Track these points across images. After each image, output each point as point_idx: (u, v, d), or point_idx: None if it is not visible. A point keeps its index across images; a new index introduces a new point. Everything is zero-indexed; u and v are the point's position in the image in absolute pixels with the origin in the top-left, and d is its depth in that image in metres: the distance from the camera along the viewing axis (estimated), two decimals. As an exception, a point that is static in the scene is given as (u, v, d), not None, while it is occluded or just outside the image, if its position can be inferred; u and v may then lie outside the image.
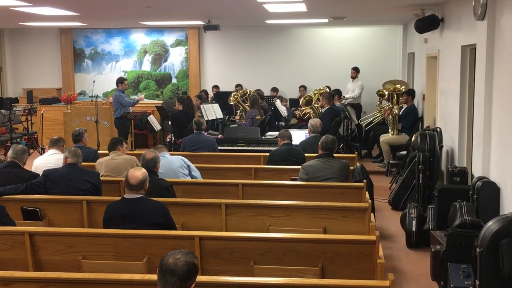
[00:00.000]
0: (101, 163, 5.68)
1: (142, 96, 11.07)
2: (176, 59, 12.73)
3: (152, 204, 3.90)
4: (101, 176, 5.56)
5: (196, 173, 5.67)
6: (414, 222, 5.55)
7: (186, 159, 5.65)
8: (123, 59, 12.85)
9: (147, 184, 3.95)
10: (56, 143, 5.76)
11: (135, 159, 5.64)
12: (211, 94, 11.94)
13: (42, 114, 10.73)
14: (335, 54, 12.15)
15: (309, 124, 6.95)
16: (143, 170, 4.01)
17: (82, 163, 5.90)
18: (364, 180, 5.23)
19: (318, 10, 8.83)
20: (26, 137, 10.55)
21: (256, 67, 12.43)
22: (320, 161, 5.31)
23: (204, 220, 4.49)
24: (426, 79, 8.63)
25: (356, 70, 11.11)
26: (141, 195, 3.88)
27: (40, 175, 4.99)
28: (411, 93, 9.24)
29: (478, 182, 4.79)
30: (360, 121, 10.02)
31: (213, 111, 9.19)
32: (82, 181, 4.84)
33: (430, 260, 4.54)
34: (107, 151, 6.12)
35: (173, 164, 5.50)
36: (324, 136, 5.50)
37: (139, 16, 9.66)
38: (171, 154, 5.90)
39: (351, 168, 5.70)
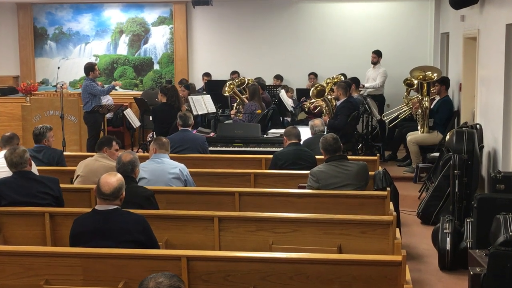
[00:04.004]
0: (81, 163, 5.68)
1: (119, 82, 11.08)
2: (158, 40, 12.75)
3: (129, 217, 3.90)
4: (76, 177, 5.56)
5: None
6: (448, 239, 5.55)
7: (186, 171, 5.55)
8: (94, 41, 12.86)
9: (124, 193, 3.96)
10: (9, 142, 5.73)
11: None
12: (200, 83, 11.94)
13: (-4, 107, 10.74)
14: (352, 34, 12.14)
15: (309, 126, 6.94)
16: (119, 175, 4.02)
17: (46, 168, 5.92)
18: (388, 188, 5.24)
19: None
20: (-24, 135, 10.56)
21: (256, 51, 12.43)
22: (332, 165, 5.30)
23: (193, 236, 4.50)
24: (463, 65, 8.63)
25: (377, 54, 11.12)
26: (116, 206, 3.89)
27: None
28: (444, 82, 9.24)
29: (526, 191, 4.80)
30: (383, 116, 10.03)
31: (203, 104, 9.19)
32: (38, 195, 4.76)
33: (468, 285, 4.54)
34: (74, 153, 6.14)
35: (167, 172, 5.40)
36: (322, 137, 5.47)
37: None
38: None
39: (372, 173, 5.70)
